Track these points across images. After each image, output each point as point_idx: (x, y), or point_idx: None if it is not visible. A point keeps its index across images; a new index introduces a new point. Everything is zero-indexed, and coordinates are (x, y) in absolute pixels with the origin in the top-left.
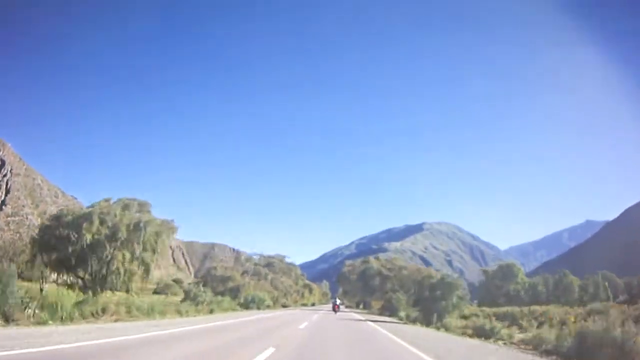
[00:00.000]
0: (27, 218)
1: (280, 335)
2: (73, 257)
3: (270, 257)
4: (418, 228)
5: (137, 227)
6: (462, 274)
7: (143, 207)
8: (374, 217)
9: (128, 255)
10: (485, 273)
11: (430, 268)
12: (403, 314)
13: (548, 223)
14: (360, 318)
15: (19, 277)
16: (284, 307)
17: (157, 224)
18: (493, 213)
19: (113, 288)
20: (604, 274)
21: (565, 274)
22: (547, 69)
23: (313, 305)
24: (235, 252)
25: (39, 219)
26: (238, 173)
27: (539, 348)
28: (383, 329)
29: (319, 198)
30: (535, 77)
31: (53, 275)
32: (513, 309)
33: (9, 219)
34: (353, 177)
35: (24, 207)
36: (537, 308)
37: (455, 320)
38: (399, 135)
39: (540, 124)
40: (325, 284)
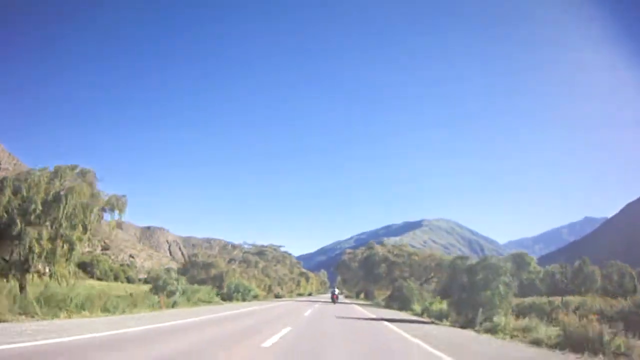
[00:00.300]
0: None
1: None
2: None
3: (263, 246)
4: (417, 224)
5: (57, 198)
6: None
7: (85, 176)
8: (373, 214)
9: (45, 233)
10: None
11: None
12: (418, 308)
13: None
14: (369, 314)
15: None
16: (277, 297)
17: (85, 195)
18: (492, 210)
19: (41, 272)
20: (615, 264)
21: (585, 262)
22: (546, 66)
23: (310, 295)
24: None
25: None
26: (237, 170)
27: None
28: (425, 344)
29: (319, 195)
30: (534, 74)
31: None
32: (537, 300)
33: None
34: (353, 174)
35: None
36: (568, 299)
37: (508, 319)
38: (399, 132)
39: (540, 121)
40: (324, 273)
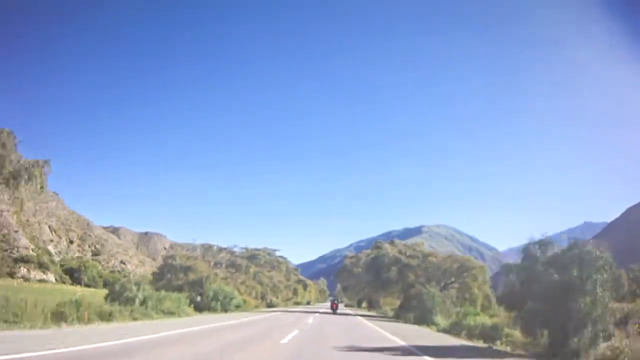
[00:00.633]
0: None
1: None
2: None
3: (256, 249)
4: (417, 231)
5: None
6: None
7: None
8: (373, 220)
9: None
10: (506, 267)
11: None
12: (442, 321)
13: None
14: (387, 335)
15: None
16: (270, 306)
17: None
18: (491, 215)
19: None
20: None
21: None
22: (545, 69)
23: (308, 304)
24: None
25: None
26: (234, 176)
27: None
28: None
29: (317, 202)
30: (533, 77)
31: None
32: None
33: None
34: (351, 181)
35: None
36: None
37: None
38: (398, 138)
39: (539, 123)
40: (323, 281)
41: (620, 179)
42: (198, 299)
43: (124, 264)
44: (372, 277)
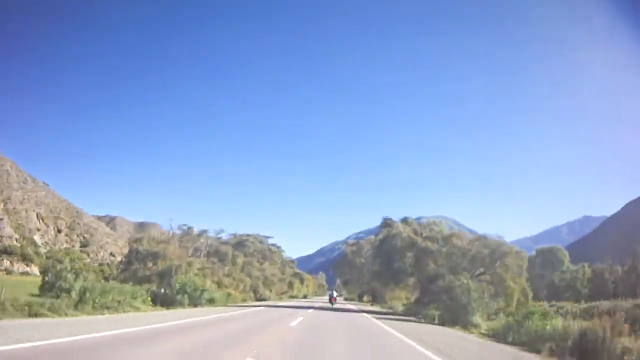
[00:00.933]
0: None
1: None
2: None
3: (245, 236)
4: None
5: None
6: None
7: None
8: (372, 212)
9: None
10: None
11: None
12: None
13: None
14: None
15: None
16: (260, 300)
17: None
18: (491, 209)
19: None
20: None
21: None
22: (546, 66)
23: (305, 298)
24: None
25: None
26: (234, 168)
27: None
28: None
29: (316, 193)
30: (534, 73)
31: None
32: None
33: None
34: (350, 172)
35: None
36: None
37: None
38: (398, 131)
39: (539, 120)
40: (322, 276)
41: (620, 175)
42: (162, 292)
43: (114, 256)
44: (380, 265)
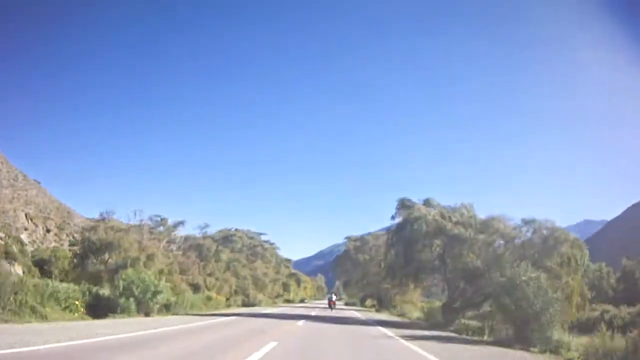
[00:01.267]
0: None
1: None
2: None
3: (232, 230)
4: None
5: None
6: None
7: None
8: (372, 215)
9: None
10: None
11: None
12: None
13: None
14: None
15: None
16: (248, 305)
17: None
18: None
19: None
20: None
21: None
22: (545, 66)
23: (303, 302)
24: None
25: None
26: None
27: None
28: None
29: (315, 196)
30: (532, 74)
31: None
32: None
33: None
34: (349, 172)
35: None
36: None
37: None
38: (396, 134)
39: (538, 121)
40: (321, 278)
41: (621, 179)
42: (104, 295)
43: None
44: (397, 257)
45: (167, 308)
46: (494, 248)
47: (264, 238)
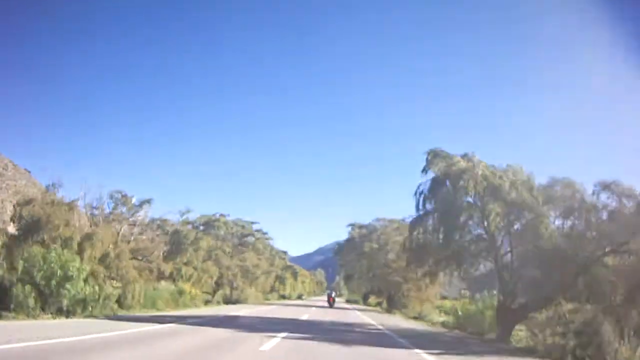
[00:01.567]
0: None
1: None
2: None
3: (216, 216)
4: None
5: None
6: None
7: None
8: (373, 209)
9: None
10: None
11: None
12: None
13: None
14: None
15: None
16: (234, 303)
17: None
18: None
19: None
20: None
21: None
22: (545, 66)
23: (300, 298)
24: (134, 199)
25: None
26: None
27: None
28: None
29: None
30: (533, 74)
31: None
32: None
33: None
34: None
35: None
36: None
37: None
38: (397, 129)
39: (538, 122)
40: (321, 272)
41: (620, 179)
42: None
43: None
44: (428, 234)
45: (82, 305)
46: (573, 222)
47: (256, 227)
